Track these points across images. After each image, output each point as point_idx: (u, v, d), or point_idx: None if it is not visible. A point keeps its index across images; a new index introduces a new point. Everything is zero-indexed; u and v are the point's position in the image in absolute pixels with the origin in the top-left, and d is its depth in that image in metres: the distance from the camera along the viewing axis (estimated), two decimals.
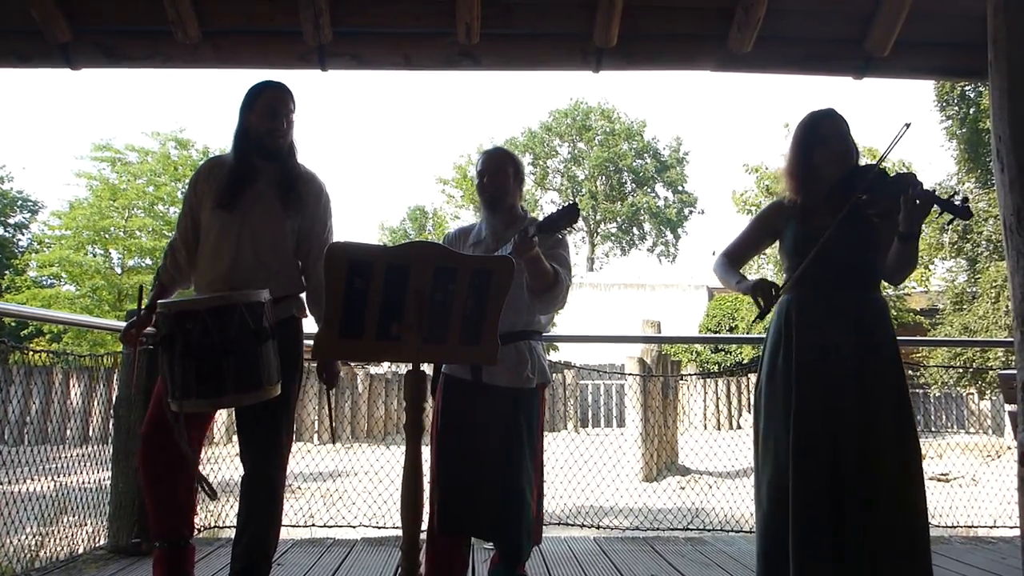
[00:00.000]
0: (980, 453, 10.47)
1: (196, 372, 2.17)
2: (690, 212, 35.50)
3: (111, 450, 3.52)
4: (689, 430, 14.37)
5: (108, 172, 17.76)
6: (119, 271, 17.45)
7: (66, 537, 3.40)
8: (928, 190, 2.19)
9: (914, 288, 17.38)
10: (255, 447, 2.42)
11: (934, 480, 9.23)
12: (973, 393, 14.97)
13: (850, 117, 2.44)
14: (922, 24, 3.33)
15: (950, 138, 15.31)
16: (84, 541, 3.43)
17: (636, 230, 35.55)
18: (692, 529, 4.44)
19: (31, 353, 4.84)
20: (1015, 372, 2.65)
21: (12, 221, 24.08)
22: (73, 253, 16.58)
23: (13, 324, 17.07)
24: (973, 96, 14.35)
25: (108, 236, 17.24)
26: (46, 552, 3.34)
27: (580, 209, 2.23)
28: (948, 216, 2.23)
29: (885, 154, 2.33)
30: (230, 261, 2.42)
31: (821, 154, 2.39)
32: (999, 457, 10.33)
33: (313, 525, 5.25)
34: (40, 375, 11.83)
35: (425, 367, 2.02)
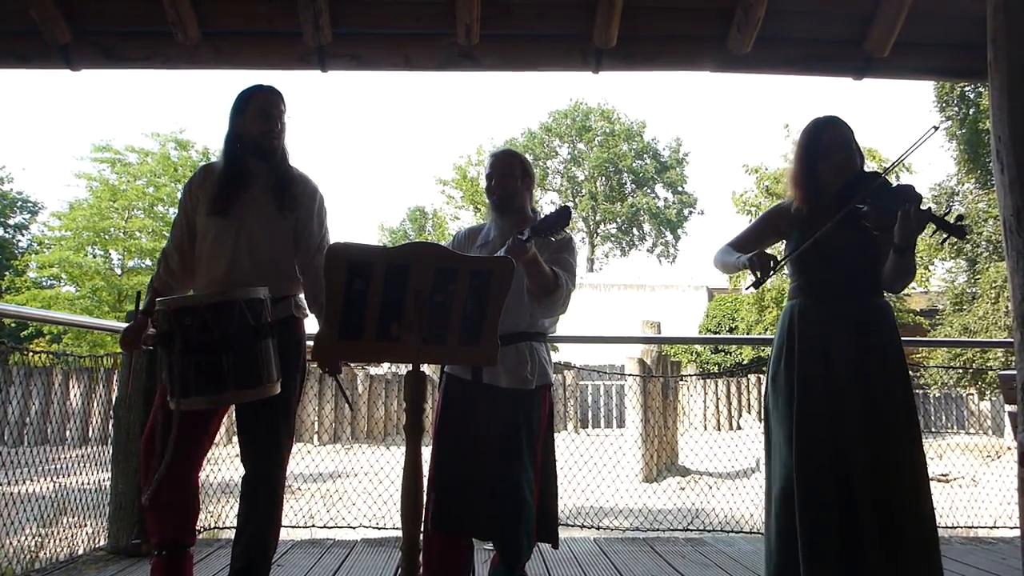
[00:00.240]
0: (980, 454, 10.47)
1: (195, 369, 2.16)
2: (690, 213, 35.53)
3: (111, 451, 3.52)
4: (689, 431, 14.37)
5: (108, 173, 17.79)
6: (119, 272, 17.47)
7: (66, 538, 3.40)
8: (925, 208, 2.19)
9: (914, 289, 17.37)
10: (256, 447, 2.41)
11: (934, 480, 9.22)
12: (973, 394, 14.98)
13: (850, 118, 2.44)
14: (922, 25, 3.33)
15: (950, 138, 15.32)
16: (84, 542, 3.43)
17: (636, 231, 35.56)
18: (692, 530, 4.44)
19: (31, 354, 4.85)
20: (1015, 372, 2.65)
21: (12, 222, 24.08)
22: (73, 254, 16.60)
23: (13, 325, 17.07)
24: (973, 96, 14.37)
25: (108, 237, 17.26)
26: (46, 553, 3.34)
27: (572, 212, 2.23)
28: (943, 233, 2.22)
29: (906, 154, 2.32)
30: (227, 265, 2.42)
31: (825, 163, 2.39)
32: (999, 458, 10.33)
33: (313, 526, 5.25)
34: (40, 376, 11.82)
35: (428, 367, 2.01)
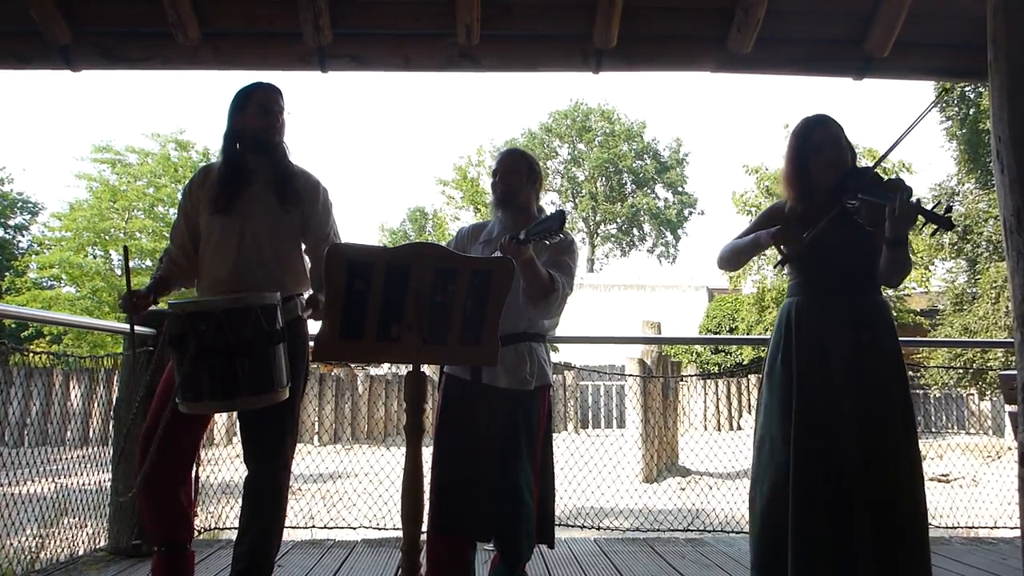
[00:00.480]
0: (980, 454, 10.47)
1: (209, 373, 2.16)
2: (690, 213, 35.53)
3: (111, 452, 3.52)
4: (689, 431, 14.37)
5: (108, 174, 17.79)
6: (119, 273, 17.45)
7: (66, 539, 3.39)
8: (913, 201, 2.20)
9: (914, 289, 17.37)
10: (260, 448, 2.41)
11: (934, 481, 9.23)
12: (973, 394, 14.97)
13: (850, 118, 2.44)
14: (922, 25, 3.33)
15: (950, 139, 15.32)
16: (84, 543, 3.42)
17: (636, 231, 35.56)
18: (692, 530, 4.44)
19: (31, 355, 4.85)
20: (1015, 373, 2.65)
21: (12, 223, 24.09)
22: (73, 255, 16.61)
23: (13, 326, 17.07)
24: (973, 97, 14.36)
25: (108, 238, 17.25)
26: (46, 554, 3.34)
27: (568, 216, 2.23)
28: (932, 226, 2.23)
29: (910, 129, 2.32)
30: (232, 264, 2.42)
31: (816, 162, 2.41)
32: (999, 458, 10.32)
33: (313, 526, 5.25)
34: (40, 377, 11.82)
35: (428, 367, 2.02)
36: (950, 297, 15.22)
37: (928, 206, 2.21)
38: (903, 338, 2.42)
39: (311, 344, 2.57)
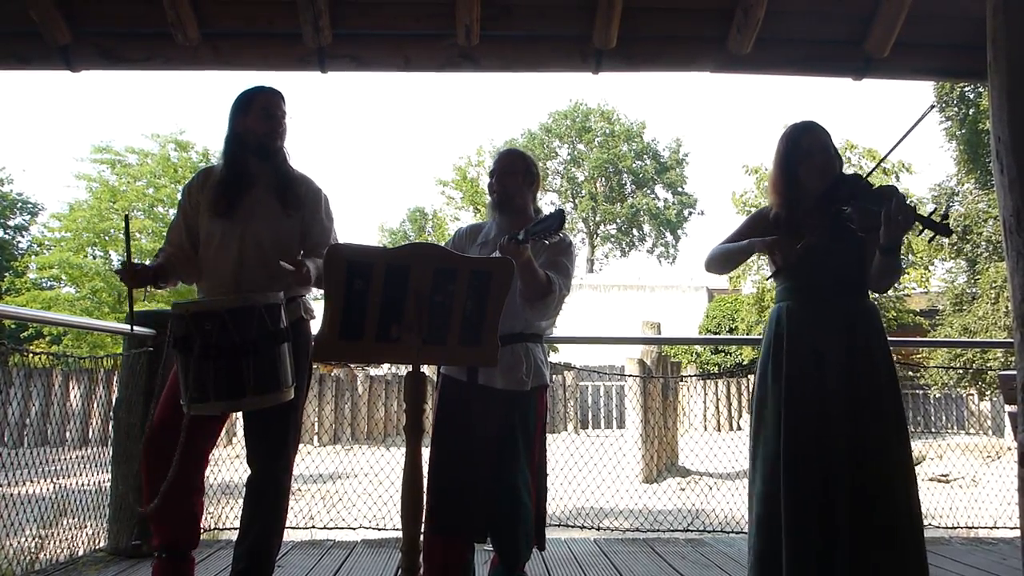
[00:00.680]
0: (980, 454, 10.47)
1: (214, 374, 2.14)
2: (690, 213, 35.54)
3: (111, 452, 3.51)
4: (689, 431, 14.37)
5: (108, 174, 17.76)
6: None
7: (66, 539, 3.39)
8: (909, 207, 2.21)
9: (914, 289, 17.38)
10: (264, 449, 2.41)
11: (934, 481, 9.24)
12: (973, 394, 14.97)
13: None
14: (921, 25, 3.33)
15: (950, 139, 15.31)
16: (84, 543, 3.42)
17: (636, 231, 35.56)
18: (692, 530, 4.44)
19: (31, 355, 4.83)
20: (1015, 373, 2.66)
21: (12, 223, 24.09)
22: (73, 255, 16.58)
23: (13, 326, 17.07)
24: (973, 97, 14.35)
25: (108, 238, 17.23)
26: (46, 554, 3.34)
27: (567, 215, 2.22)
28: (929, 232, 2.23)
29: (906, 134, 2.33)
30: (234, 266, 2.42)
31: (805, 168, 2.41)
32: (999, 458, 10.32)
33: (313, 527, 5.25)
34: (40, 377, 11.82)
35: (426, 368, 2.01)
36: (950, 297, 15.21)
37: (924, 211, 2.22)
38: (903, 338, 2.43)
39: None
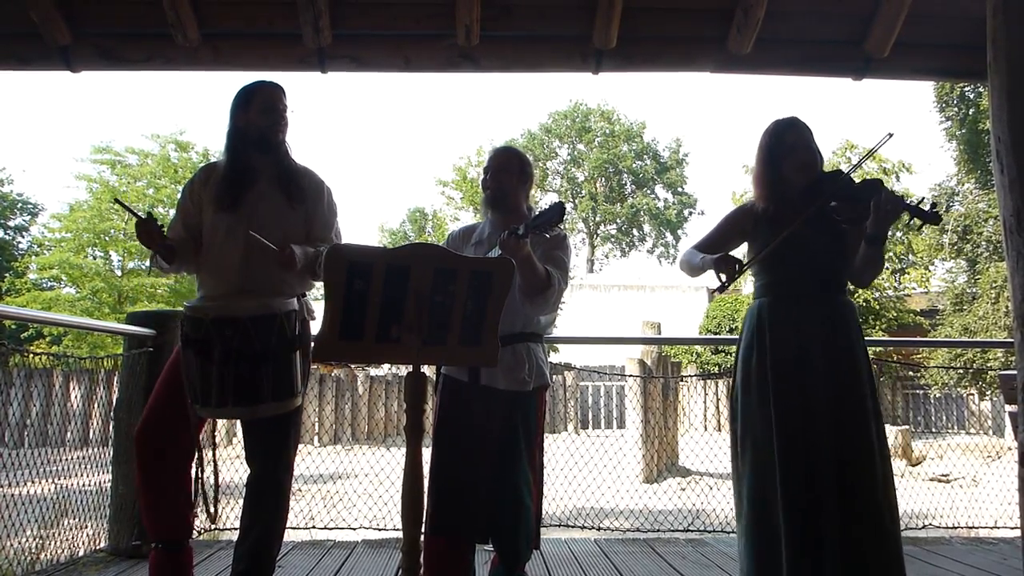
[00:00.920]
0: (980, 454, 10.47)
1: (234, 380, 2.14)
2: (690, 213, 35.53)
3: (111, 452, 3.52)
4: (689, 431, 14.36)
5: (108, 174, 17.77)
6: (119, 273, 17.45)
7: (66, 539, 3.39)
8: (898, 196, 2.25)
9: (914, 289, 17.38)
10: (264, 449, 2.41)
11: (935, 481, 9.24)
12: (973, 394, 14.97)
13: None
14: (921, 25, 3.34)
15: (950, 139, 15.31)
16: (84, 543, 3.42)
17: (636, 231, 35.56)
18: (692, 530, 4.43)
19: (31, 356, 4.83)
20: (1015, 373, 2.66)
21: (12, 224, 24.10)
22: (73, 255, 16.59)
23: (13, 327, 17.08)
24: (973, 97, 14.36)
25: (108, 238, 17.23)
26: (46, 555, 3.34)
27: (567, 207, 2.22)
28: (918, 221, 2.28)
29: (862, 161, 2.50)
30: (240, 260, 2.40)
31: (788, 164, 2.44)
32: (999, 458, 10.32)
33: (313, 527, 5.25)
34: (40, 378, 11.83)
35: (426, 368, 2.01)
36: (950, 297, 15.22)
37: (900, 195, 2.27)
38: (903, 338, 2.46)
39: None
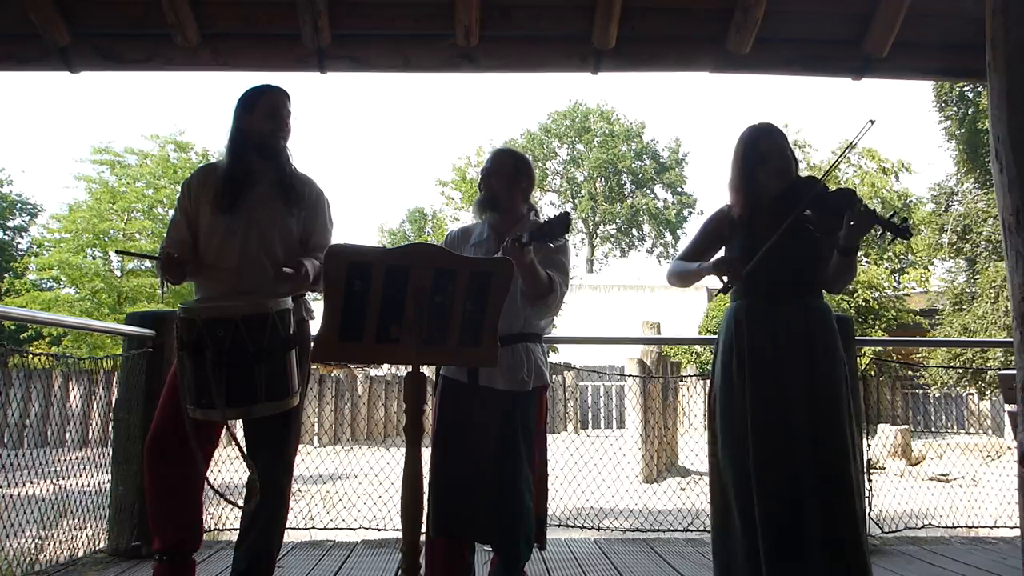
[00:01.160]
0: (980, 453, 10.47)
1: (227, 381, 2.12)
2: (689, 213, 35.53)
3: (111, 453, 3.51)
4: (689, 431, 14.36)
5: (107, 175, 17.76)
6: (119, 274, 17.44)
7: (66, 540, 3.39)
8: (869, 210, 2.29)
9: (914, 289, 17.37)
10: (264, 450, 2.40)
11: (934, 481, 9.23)
12: (973, 393, 14.98)
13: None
14: (920, 25, 3.34)
15: (949, 138, 15.31)
16: (84, 544, 3.42)
17: (635, 231, 35.57)
18: (692, 530, 4.43)
19: (31, 356, 4.84)
20: (1015, 372, 2.65)
21: (11, 224, 24.10)
22: (73, 256, 16.58)
23: (13, 327, 17.08)
24: (972, 96, 14.35)
25: (108, 239, 17.22)
26: (46, 555, 3.33)
27: (572, 217, 2.23)
28: (889, 235, 2.31)
29: (845, 151, 2.54)
30: (237, 262, 2.41)
31: (762, 170, 2.47)
32: (999, 457, 10.32)
33: (313, 528, 5.24)
34: (40, 378, 11.82)
35: (425, 369, 2.01)
36: (949, 297, 15.22)
37: (882, 214, 2.31)
38: (903, 338, 2.48)
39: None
